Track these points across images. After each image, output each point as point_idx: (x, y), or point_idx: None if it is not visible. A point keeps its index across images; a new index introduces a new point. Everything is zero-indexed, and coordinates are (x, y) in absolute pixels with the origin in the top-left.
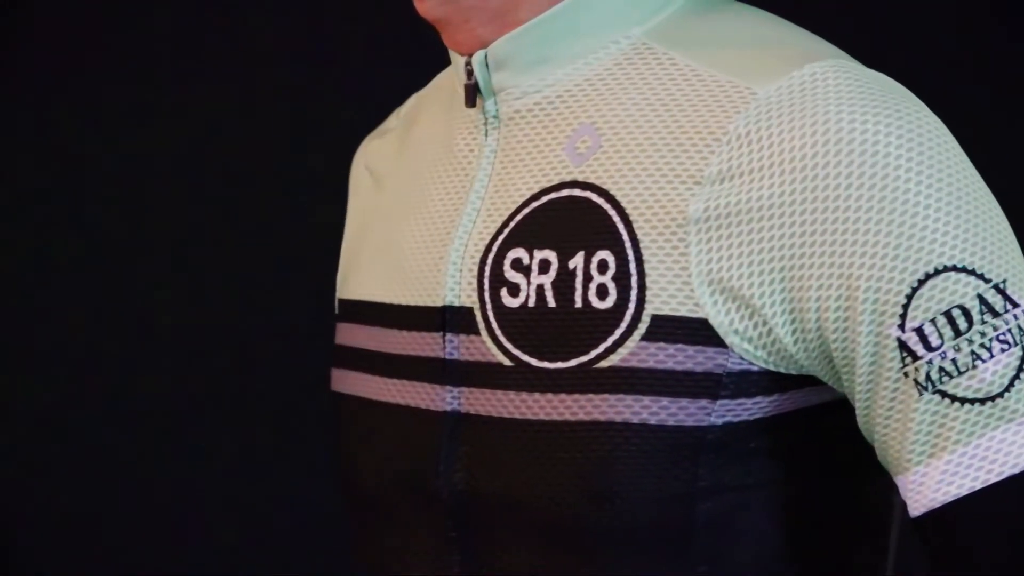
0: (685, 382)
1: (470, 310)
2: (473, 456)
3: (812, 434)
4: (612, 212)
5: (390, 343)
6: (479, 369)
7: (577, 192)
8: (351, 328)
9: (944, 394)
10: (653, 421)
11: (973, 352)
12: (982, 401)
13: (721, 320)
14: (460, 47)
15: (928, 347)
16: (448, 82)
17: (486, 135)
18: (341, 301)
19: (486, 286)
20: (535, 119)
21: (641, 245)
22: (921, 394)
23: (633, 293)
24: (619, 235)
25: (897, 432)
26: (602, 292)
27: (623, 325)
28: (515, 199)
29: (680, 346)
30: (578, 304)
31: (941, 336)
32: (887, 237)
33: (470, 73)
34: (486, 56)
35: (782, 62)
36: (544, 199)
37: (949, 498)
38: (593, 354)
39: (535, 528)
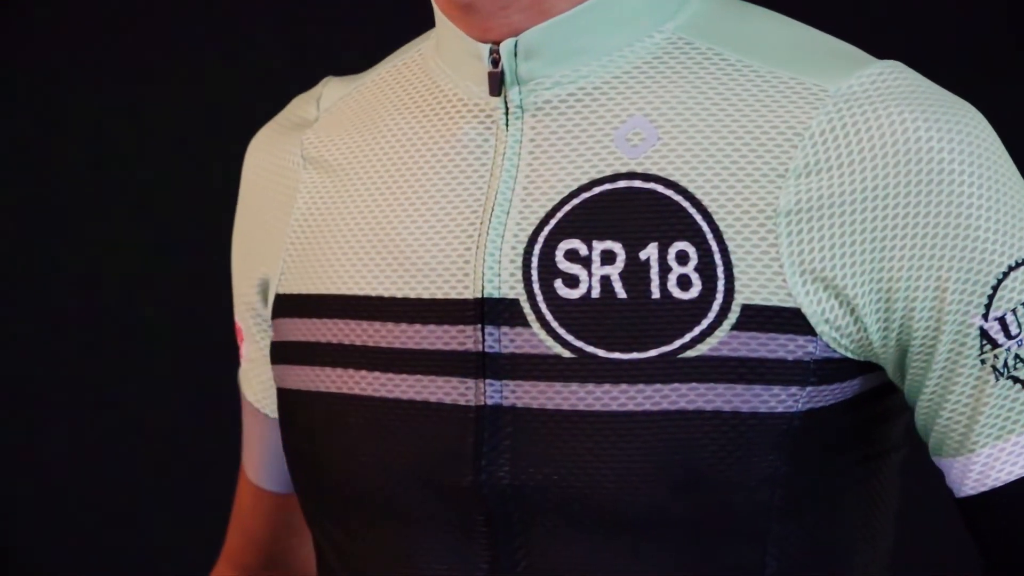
0: (777, 370)
1: (515, 302)
2: (519, 450)
3: (869, 416)
4: (686, 204)
5: (397, 337)
6: (528, 361)
7: (637, 183)
8: (324, 324)
9: (1016, 379)
10: (745, 409)
11: None
12: None
13: (814, 309)
14: (486, 34)
15: (1008, 336)
16: (413, 70)
17: (507, 125)
18: (291, 296)
19: (534, 277)
20: (571, 110)
21: (725, 236)
22: (997, 380)
23: (720, 283)
24: (698, 226)
25: (965, 416)
26: (684, 283)
27: (711, 315)
28: (558, 189)
29: (772, 335)
30: (655, 295)
31: (1020, 325)
32: (976, 231)
33: (496, 61)
34: (516, 44)
35: (842, 61)
36: (596, 190)
37: (1013, 477)
38: (677, 344)
39: (593, 520)
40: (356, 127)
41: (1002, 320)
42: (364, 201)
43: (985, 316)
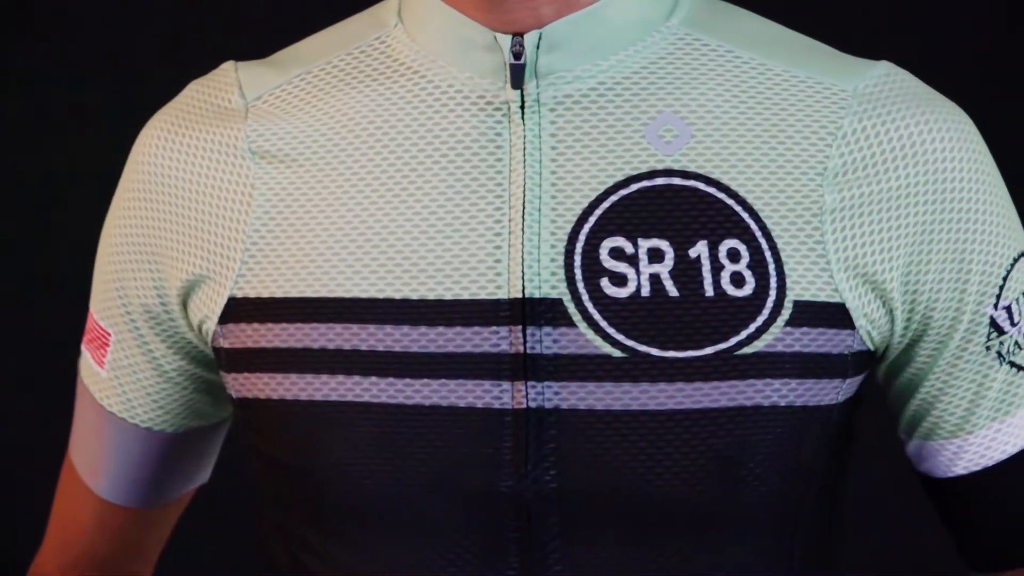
0: (824, 364)
1: (557, 301)
2: (566, 452)
3: (857, 405)
4: (731, 202)
5: (416, 341)
6: (574, 362)
7: (677, 181)
8: (314, 328)
9: (1014, 364)
10: (798, 402)
11: None
12: None
13: (856, 304)
14: (508, 25)
15: (1012, 323)
16: (380, 59)
17: (523, 119)
18: (260, 300)
19: (578, 276)
20: (594, 105)
21: (773, 234)
22: (1000, 364)
23: (773, 280)
24: (745, 224)
25: (966, 401)
26: (737, 280)
27: (765, 312)
28: (592, 186)
29: (821, 330)
30: (709, 293)
31: (1021, 314)
32: (990, 226)
33: (518, 54)
34: (540, 36)
35: (839, 61)
36: (634, 187)
37: (1006, 455)
38: (733, 341)
39: (641, 520)
40: (317, 118)
41: (1008, 308)
42: (352, 198)
43: (995, 305)
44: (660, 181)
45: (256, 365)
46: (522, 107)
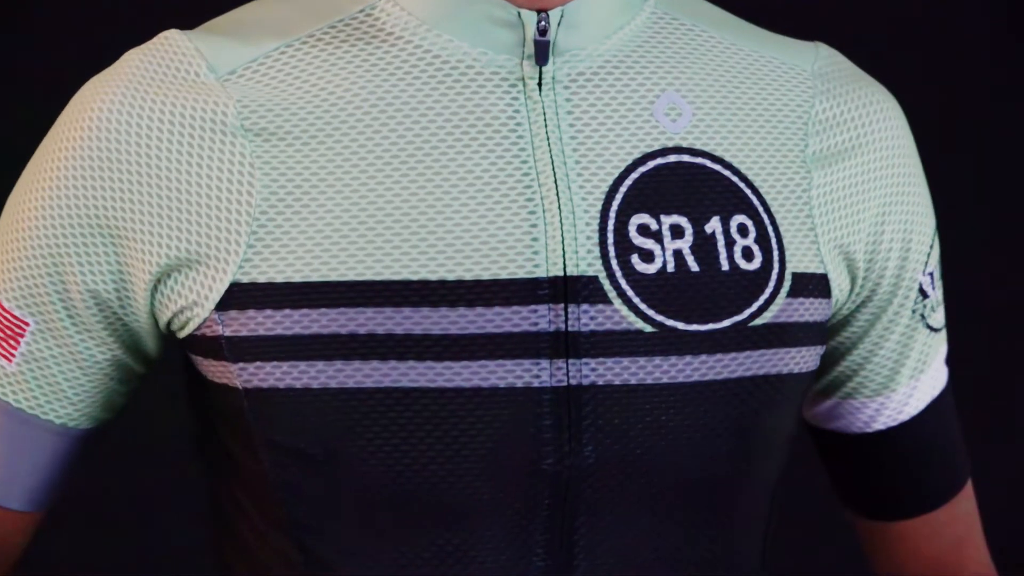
0: (814, 331)
1: (594, 279)
2: (601, 427)
3: None
4: (735, 179)
5: (455, 323)
6: (609, 338)
7: (687, 158)
8: (342, 313)
9: (928, 325)
10: (796, 370)
11: (941, 291)
12: (938, 330)
13: (834, 275)
14: (531, 2)
15: (933, 288)
16: (370, 32)
17: (540, 94)
18: (273, 285)
19: (611, 253)
20: (604, 82)
21: (771, 208)
22: (922, 327)
23: (775, 254)
24: (749, 200)
25: (891, 360)
26: (748, 254)
27: (771, 284)
28: (614, 163)
29: (812, 299)
30: (725, 267)
31: (937, 279)
32: (922, 199)
33: (543, 30)
34: (562, 14)
35: (782, 41)
36: (651, 164)
37: (918, 410)
38: (747, 313)
39: (670, 491)
40: (315, 93)
41: (931, 275)
42: (373, 176)
43: (923, 271)
44: (672, 158)
45: (271, 353)
46: (539, 83)
